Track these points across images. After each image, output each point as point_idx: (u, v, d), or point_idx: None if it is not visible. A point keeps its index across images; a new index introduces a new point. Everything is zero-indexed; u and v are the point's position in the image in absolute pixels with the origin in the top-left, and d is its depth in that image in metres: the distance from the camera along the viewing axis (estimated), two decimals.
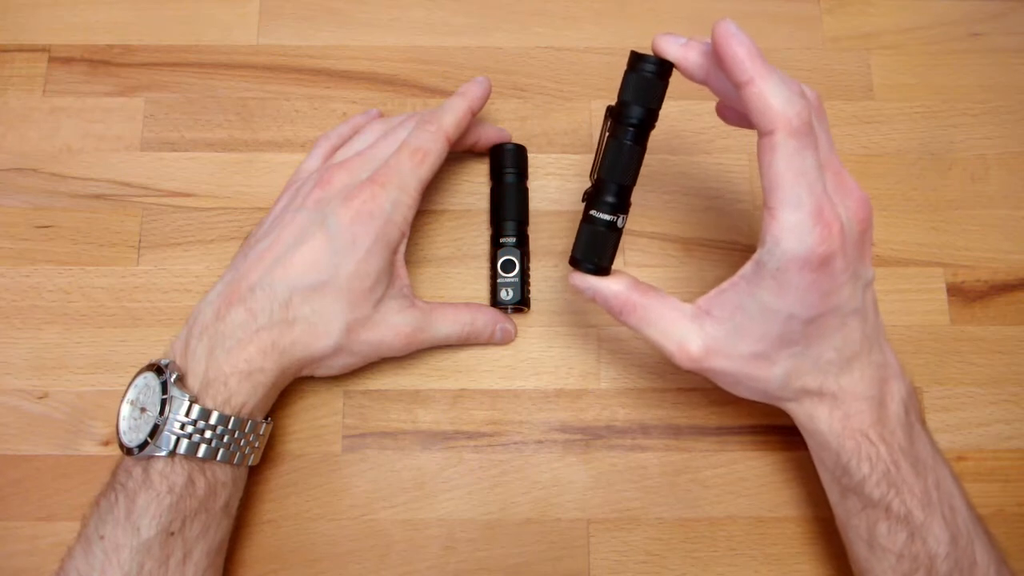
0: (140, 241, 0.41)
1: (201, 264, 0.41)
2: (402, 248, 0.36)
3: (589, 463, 0.39)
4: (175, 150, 0.42)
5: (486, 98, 0.39)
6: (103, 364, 0.39)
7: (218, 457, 0.32)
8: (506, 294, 0.39)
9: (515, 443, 0.39)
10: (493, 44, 0.45)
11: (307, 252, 0.34)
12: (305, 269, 0.34)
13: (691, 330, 0.32)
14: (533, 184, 0.42)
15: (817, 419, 0.33)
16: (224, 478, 0.33)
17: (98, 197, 0.41)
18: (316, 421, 0.39)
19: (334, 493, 0.38)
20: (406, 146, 0.36)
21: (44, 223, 0.41)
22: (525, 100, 0.44)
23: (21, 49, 0.44)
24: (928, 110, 0.44)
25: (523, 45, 0.45)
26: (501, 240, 0.40)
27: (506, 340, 0.40)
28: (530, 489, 0.38)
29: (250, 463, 0.34)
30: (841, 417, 0.33)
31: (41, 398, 0.38)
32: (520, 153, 0.41)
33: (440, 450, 0.39)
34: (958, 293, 0.41)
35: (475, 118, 0.39)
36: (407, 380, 0.39)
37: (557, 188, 0.42)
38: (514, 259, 0.39)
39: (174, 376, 0.32)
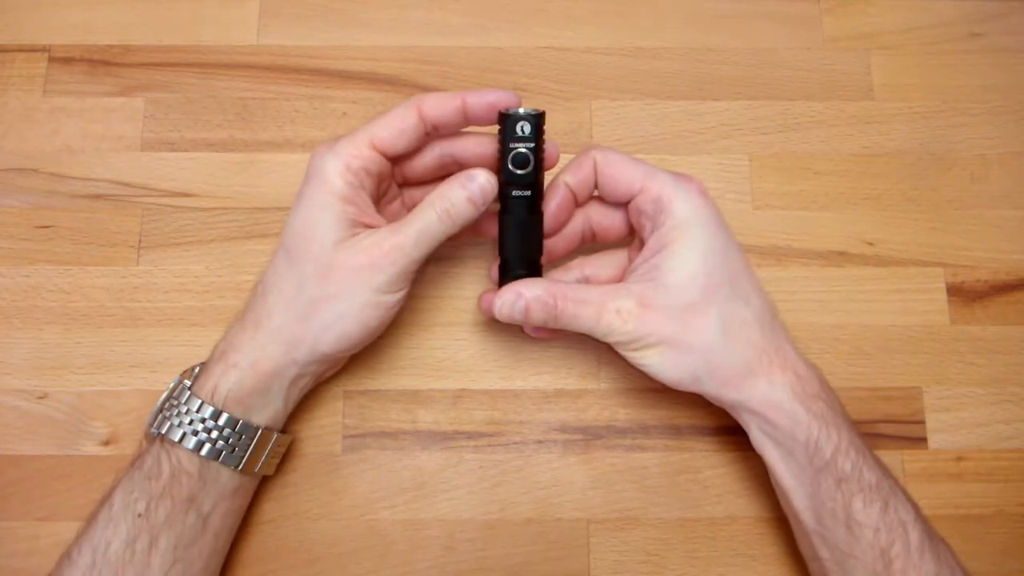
0: (140, 241, 0.41)
1: (201, 264, 0.41)
2: (356, 200, 0.33)
3: (589, 463, 0.39)
4: (175, 150, 0.42)
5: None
6: (103, 364, 0.39)
7: (186, 443, 0.32)
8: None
9: (515, 443, 0.39)
10: (493, 44, 0.45)
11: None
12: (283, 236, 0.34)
13: (620, 293, 0.33)
14: None
15: (779, 387, 0.32)
16: (190, 468, 0.32)
17: (98, 197, 0.41)
18: (316, 421, 0.39)
19: (334, 493, 0.38)
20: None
21: (44, 223, 0.41)
22: (525, 100, 0.43)
23: (21, 49, 0.44)
24: (928, 110, 0.44)
25: (523, 45, 0.45)
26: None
27: (486, 192, 0.33)
28: (530, 489, 0.38)
29: (222, 460, 0.32)
30: (795, 381, 0.32)
31: (41, 398, 0.38)
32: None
33: (440, 450, 0.39)
34: (958, 293, 0.41)
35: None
36: (407, 380, 0.39)
37: None
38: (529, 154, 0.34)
39: (198, 368, 0.34)
